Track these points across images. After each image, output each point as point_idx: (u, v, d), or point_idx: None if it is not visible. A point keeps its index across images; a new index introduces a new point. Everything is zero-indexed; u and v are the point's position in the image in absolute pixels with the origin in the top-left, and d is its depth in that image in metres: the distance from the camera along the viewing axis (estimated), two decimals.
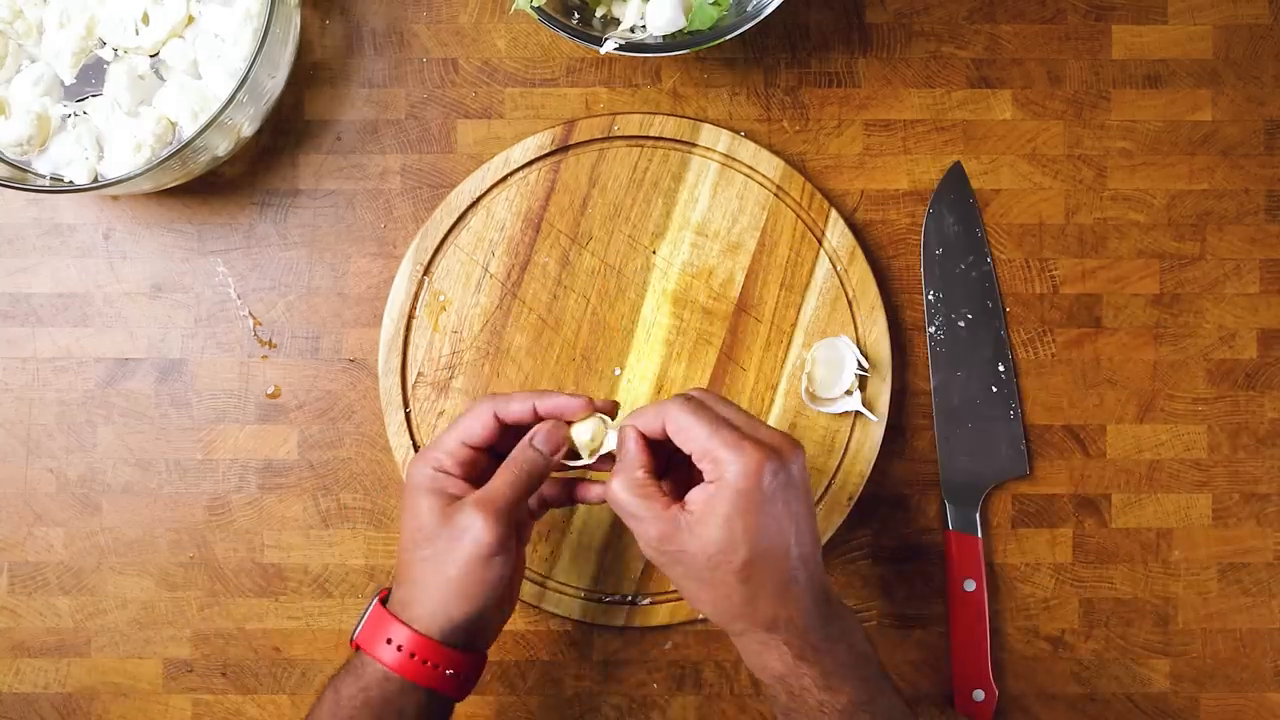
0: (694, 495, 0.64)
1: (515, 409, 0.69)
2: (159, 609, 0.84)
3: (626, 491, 0.66)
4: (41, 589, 0.84)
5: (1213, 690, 0.84)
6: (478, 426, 0.69)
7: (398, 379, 0.83)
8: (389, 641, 0.67)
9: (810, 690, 0.65)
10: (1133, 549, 0.84)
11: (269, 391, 0.84)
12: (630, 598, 0.82)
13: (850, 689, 0.65)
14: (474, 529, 0.66)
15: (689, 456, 0.65)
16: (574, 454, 0.71)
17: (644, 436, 0.67)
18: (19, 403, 0.84)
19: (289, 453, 0.84)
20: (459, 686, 0.68)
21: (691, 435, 0.64)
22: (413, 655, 0.66)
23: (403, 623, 0.67)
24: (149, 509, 0.84)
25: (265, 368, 0.84)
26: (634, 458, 0.67)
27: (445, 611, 0.66)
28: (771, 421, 0.82)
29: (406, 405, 0.83)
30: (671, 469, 0.70)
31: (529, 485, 0.68)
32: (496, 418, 0.69)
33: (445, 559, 0.66)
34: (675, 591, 0.82)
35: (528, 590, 0.82)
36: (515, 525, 0.68)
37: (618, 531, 0.82)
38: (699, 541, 0.63)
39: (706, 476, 0.64)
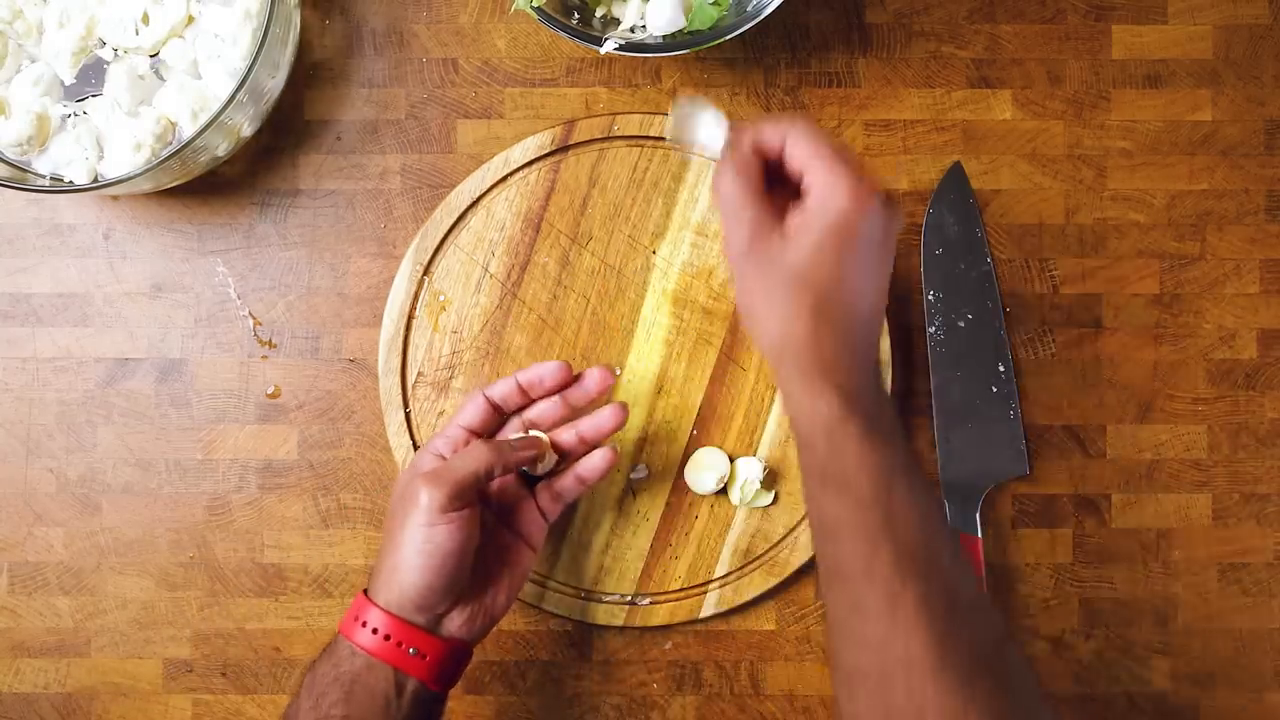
0: (793, 212, 0.62)
1: (499, 387, 0.76)
2: (159, 609, 0.84)
3: (734, 180, 0.63)
4: (41, 589, 0.84)
5: (1213, 690, 0.84)
6: (472, 410, 0.75)
7: (398, 379, 0.83)
8: (359, 620, 0.70)
9: (851, 440, 0.61)
10: (1133, 549, 0.84)
11: (269, 391, 0.84)
12: (630, 598, 0.82)
13: (891, 449, 0.61)
14: (419, 497, 0.69)
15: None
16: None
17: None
18: (19, 403, 0.84)
19: (289, 453, 0.84)
20: (430, 671, 0.69)
21: (815, 151, 0.62)
22: (375, 631, 0.69)
23: (371, 601, 0.70)
24: (149, 509, 0.84)
25: (265, 368, 0.84)
26: (749, 154, 0.64)
27: (399, 584, 0.69)
28: (772, 420, 0.82)
29: (406, 405, 0.83)
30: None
31: (483, 468, 0.70)
32: (487, 399, 0.75)
33: (399, 532, 0.70)
34: (675, 591, 0.82)
35: (528, 590, 0.82)
36: (471, 502, 0.70)
37: (618, 531, 0.82)
38: (787, 255, 0.61)
39: (813, 198, 0.62)
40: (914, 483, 0.61)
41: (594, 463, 0.76)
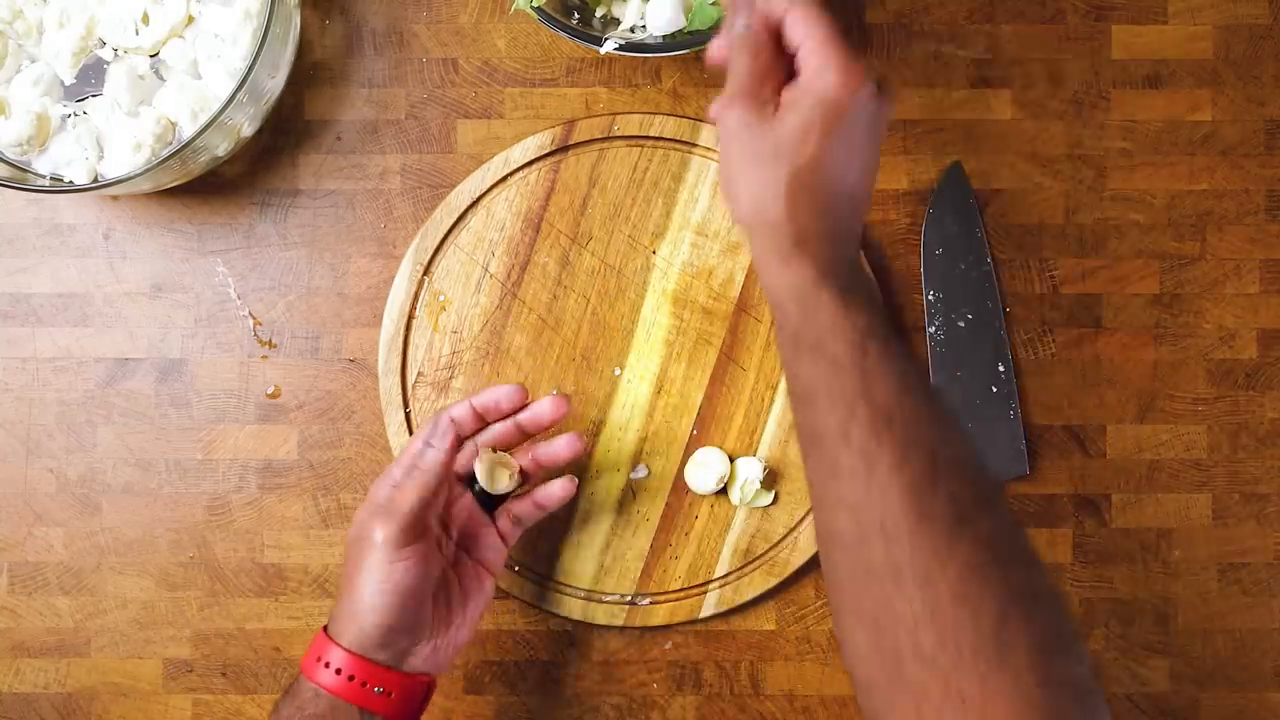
0: (787, 88, 0.63)
1: (456, 410, 0.74)
2: (159, 609, 0.84)
3: (737, 40, 0.64)
4: (41, 589, 0.84)
5: (1213, 690, 0.84)
6: (430, 429, 0.74)
7: (398, 379, 0.83)
8: (320, 660, 0.69)
9: (825, 305, 0.61)
10: (1132, 549, 0.84)
11: (269, 391, 0.84)
12: (630, 598, 0.82)
13: (868, 313, 0.61)
14: (374, 535, 0.69)
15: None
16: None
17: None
18: (19, 403, 0.84)
19: (289, 453, 0.84)
20: (395, 708, 0.69)
21: (811, 28, 0.62)
22: (338, 671, 0.68)
23: (332, 640, 0.69)
24: (149, 509, 0.84)
25: (265, 368, 0.84)
26: (755, 22, 0.64)
27: (359, 624, 0.69)
28: (772, 420, 0.82)
29: (406, 405, 0.83)
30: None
31: (429, 492, 0.70)
32: (451, 421, 0.74)
33: (356, 573, 0.69)
34: (675, 591, 0.82)
35: (528, 590, 0.82)
36: (425, 534, 0.70)
37: (618, 531, 0.82)
38: (773, 128, 0.62)
39: (804, 75, 0.62)
40: (890, 345, 0.60)
41: (552, 491, 0.76)
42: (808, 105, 0.61)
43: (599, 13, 0.80)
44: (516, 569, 0.82)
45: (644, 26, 0.78)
